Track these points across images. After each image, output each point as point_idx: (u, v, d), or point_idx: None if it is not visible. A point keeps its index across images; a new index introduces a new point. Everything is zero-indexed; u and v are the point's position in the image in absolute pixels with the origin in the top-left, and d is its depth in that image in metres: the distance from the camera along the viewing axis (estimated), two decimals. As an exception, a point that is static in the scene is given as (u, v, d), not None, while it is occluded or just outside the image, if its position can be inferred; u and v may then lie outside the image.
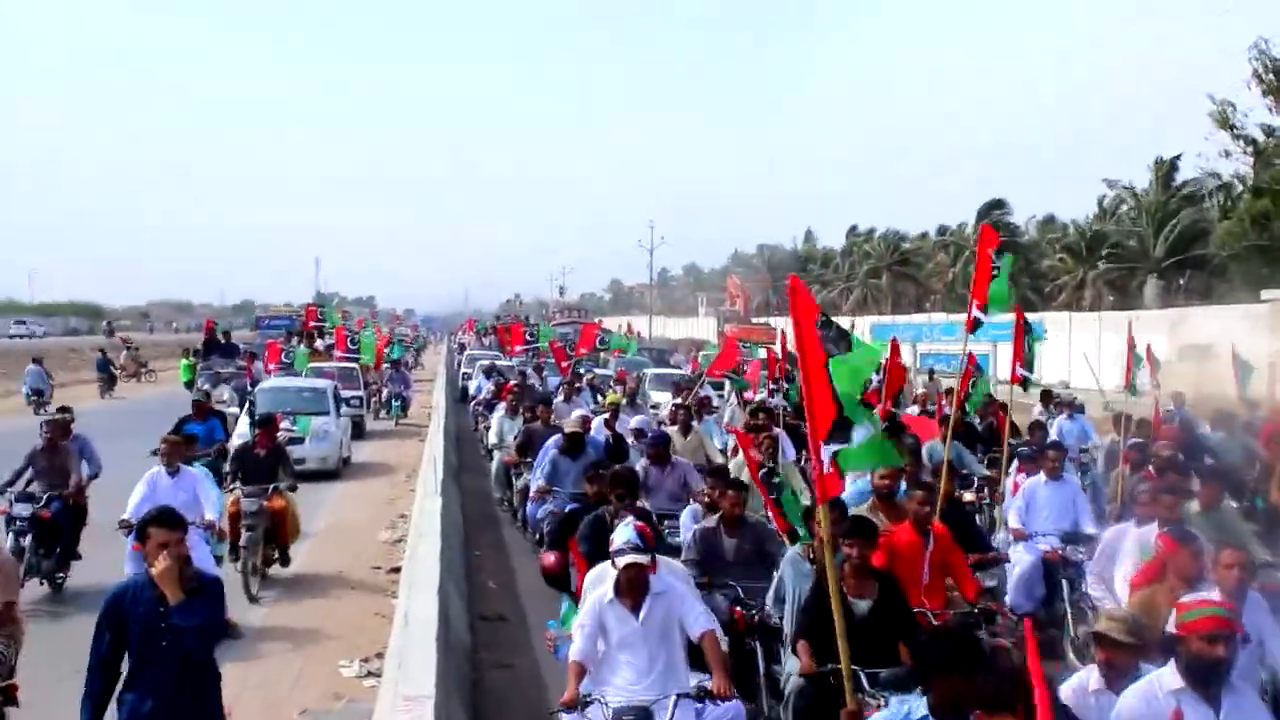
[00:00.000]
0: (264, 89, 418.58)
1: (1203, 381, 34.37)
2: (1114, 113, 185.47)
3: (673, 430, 16.67)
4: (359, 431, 31.87)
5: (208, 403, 19.73)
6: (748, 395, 25.62)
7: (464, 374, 45.88)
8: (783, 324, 76.12)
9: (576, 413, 17.98)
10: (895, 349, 18.45)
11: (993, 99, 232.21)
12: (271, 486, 15.03)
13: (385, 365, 43.75)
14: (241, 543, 14.48)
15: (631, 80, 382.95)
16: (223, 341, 45.33)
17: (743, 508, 10.32)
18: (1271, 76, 42.65)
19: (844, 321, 73.88)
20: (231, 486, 15.08)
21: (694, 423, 17.68)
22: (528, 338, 44.85)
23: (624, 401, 21.16)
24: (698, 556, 10.07)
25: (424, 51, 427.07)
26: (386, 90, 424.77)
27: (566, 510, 12.21)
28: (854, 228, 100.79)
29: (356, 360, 36.48)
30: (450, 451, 23.71)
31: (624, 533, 7.67)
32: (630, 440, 17.23)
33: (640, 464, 13.72)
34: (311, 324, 44.61)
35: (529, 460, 17.22)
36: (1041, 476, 13.09)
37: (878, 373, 15.79)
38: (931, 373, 35.64)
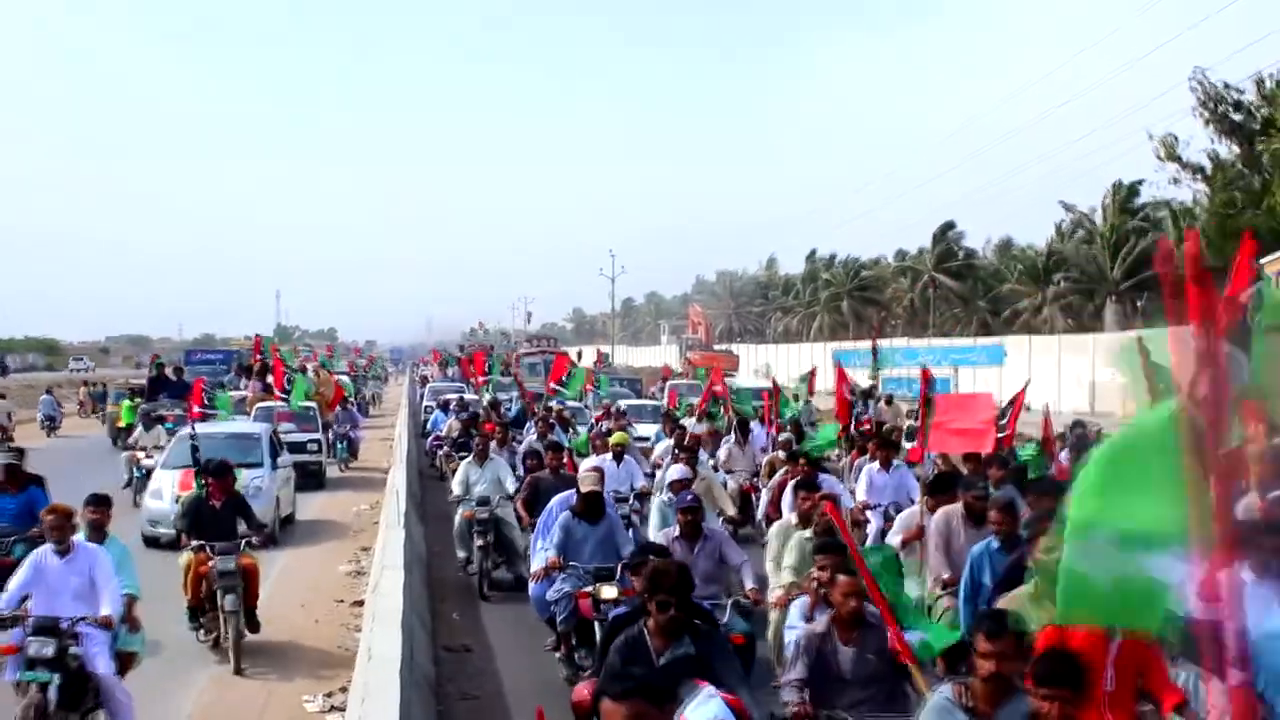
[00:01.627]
0: (225, 120, 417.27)
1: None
2: (1070, 140, 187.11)
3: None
4: (318, 481, 28.71)
5: (20, 464, 14.29)
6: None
7: (426, 407, 42.56)
8: (745, 350, 76.51)
9: (587, 463, 15.83)
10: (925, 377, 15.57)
11: (948, 126, 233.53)
12: (243, 542, 13.22)
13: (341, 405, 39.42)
14: (226, 607, 12.78)
15: (591, 108, 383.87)
16: (173, 379, 38.61)
17: (860, 600, 7.55)
18: (1212, 105, 43.20)
19: (804, 347, 74.26)
20: (189, 545, 13.28)
21: (699, 466, 15.72)
22: (486, 369, 44.26)
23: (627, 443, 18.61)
24: (804, 676, 7.39)
25: (387, 84, 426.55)
26: (349, 122, 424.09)
27: (610, 626, 8.27)
28: (813, 253, 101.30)
29: (286, 402, 31.59)
30: (414, 483, 23.57)
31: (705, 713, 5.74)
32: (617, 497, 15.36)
33: (660, 536, 11.30)
34: (257, 358, 38.46)
35: (534, 522, 13.88)
36: None
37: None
38: (890, 399, 34.97)
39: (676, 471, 14.09)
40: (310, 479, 27.51)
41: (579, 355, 64.65)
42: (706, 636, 7.35)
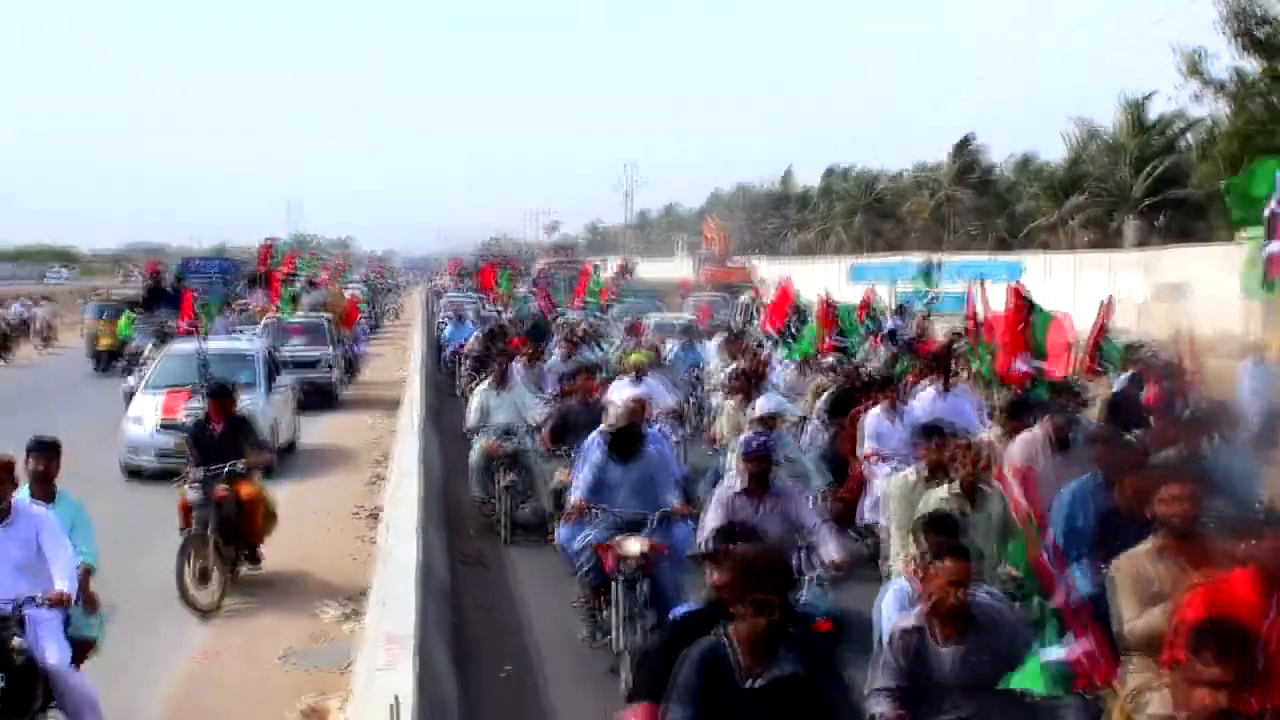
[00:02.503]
0: (236, 23, 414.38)
1: (1176, 321, 34.51)
2: (1085, 54, 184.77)
3: (730, 406, 14.19)
4: (329, 401, 26.87)
5: None
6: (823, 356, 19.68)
7: (439, 322, 40.13)
8: (761, 264, 76.37)
9: (628, 391, 13.84)
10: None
11: (971, 36, 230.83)
12: (226, 468, 12.09)
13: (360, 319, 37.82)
14: (180, 541, 11.79)
15: (607, 14, 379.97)
16: (170, 291, 34.82)
17: (966, 589, 6.18)
18: (1237, 20, 42.55)
19: (821, 262, 73.97)
20: (187, 474, 12.31)
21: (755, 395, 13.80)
22: (495, 280, 43.09)
23: (647, 361, 17.39)
24: (897, 683, 6.21)
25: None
26: (363, 29, 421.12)
27: (672, 630, 6.79)
28: (830, 168, 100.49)
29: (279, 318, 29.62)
30: (429, 395, 23.52)
31: None
32: (659, 426, 13.66)
33: (720, 492, 9.30)
34: (264, 266, 35.62)
35: (564, 451, 13.09)
36: None
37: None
38: (928, 315, 32.08)
39: (767, 403, 12.43)
40: (321, 398, 26.27)
41: (602, 264, 64.26)
42: (811, 650, 5.70)
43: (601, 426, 10.80)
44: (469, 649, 10.47)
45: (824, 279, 65.02)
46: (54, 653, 7.50)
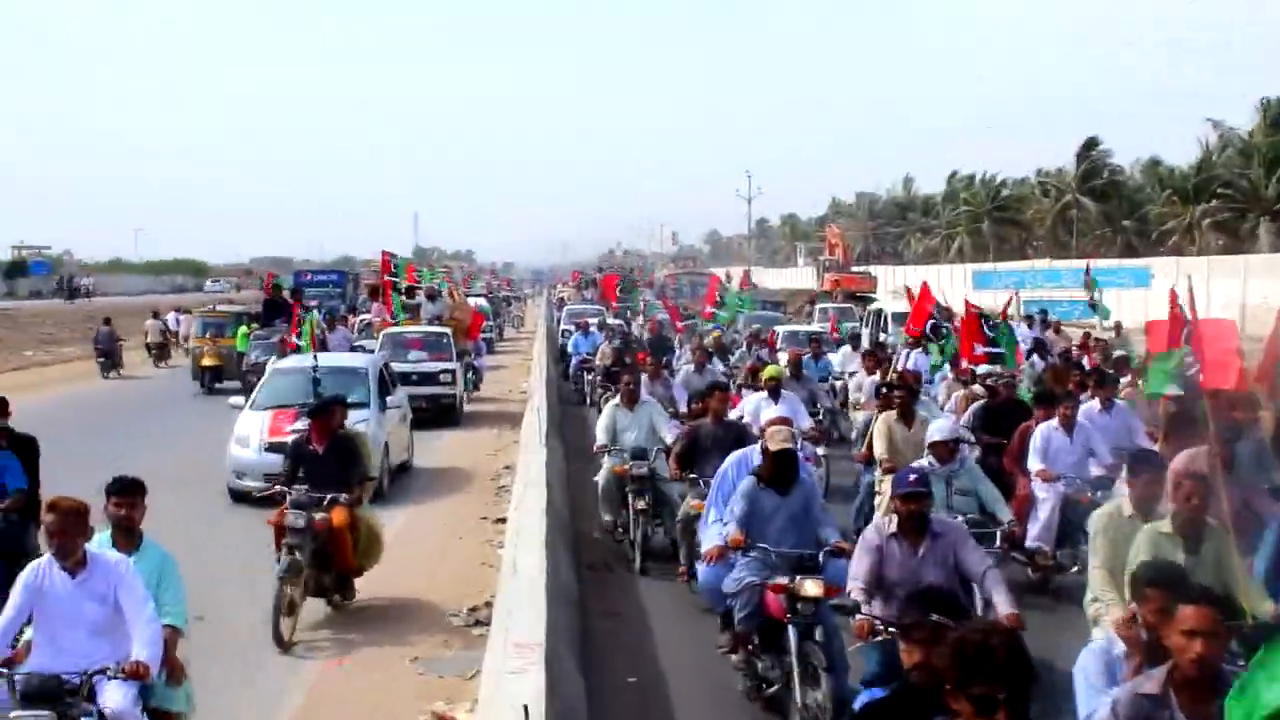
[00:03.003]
0: (358, 45, 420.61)
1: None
2: (1216, 55, 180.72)
3: (885, 422, 12.96)
4: (451, 417, 25.97)
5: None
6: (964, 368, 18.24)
7: (563, 331, 39.75)
8: (883, 272, 75.76)
9: (769, 411, 12.52)
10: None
11: (1089, 39, 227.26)
12: (329, 498, 11.40)
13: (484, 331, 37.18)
14: (275, 571, 10.99)
15: (727, 29, 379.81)
16: (287, 304, 32.29)
17: (1220, 644, 5.21)
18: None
19: (946, 269, 73.19)
20: (286, 492, 11.60)
21: (918, 410, 13.21)
22: (620, 289, 42.83)
23: (787, 375, 16.59)
24: None
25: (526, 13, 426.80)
26: (490, 41, 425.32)
27: (864, 706, 6.39)
28: (954, 173, 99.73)
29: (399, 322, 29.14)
30: (553, 406, 23.52)
31: None
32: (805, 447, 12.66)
33: (870, 535, 8.10)
34: (386, 277, 33.03)
35: (694, 476, 12.11)
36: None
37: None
38: (1058, 325, 30.69)
39: (945, 427, 10.94)
40: (442, 414, 25.52)
41: (726, 276, 63.89)
42: None
43: (747, 450, 10.20)
44: (595, 655, 10.45)
45: (949, 285, 64.73)
46: None
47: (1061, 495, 11.99)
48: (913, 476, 8.01)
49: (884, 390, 14.47)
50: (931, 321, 18.96)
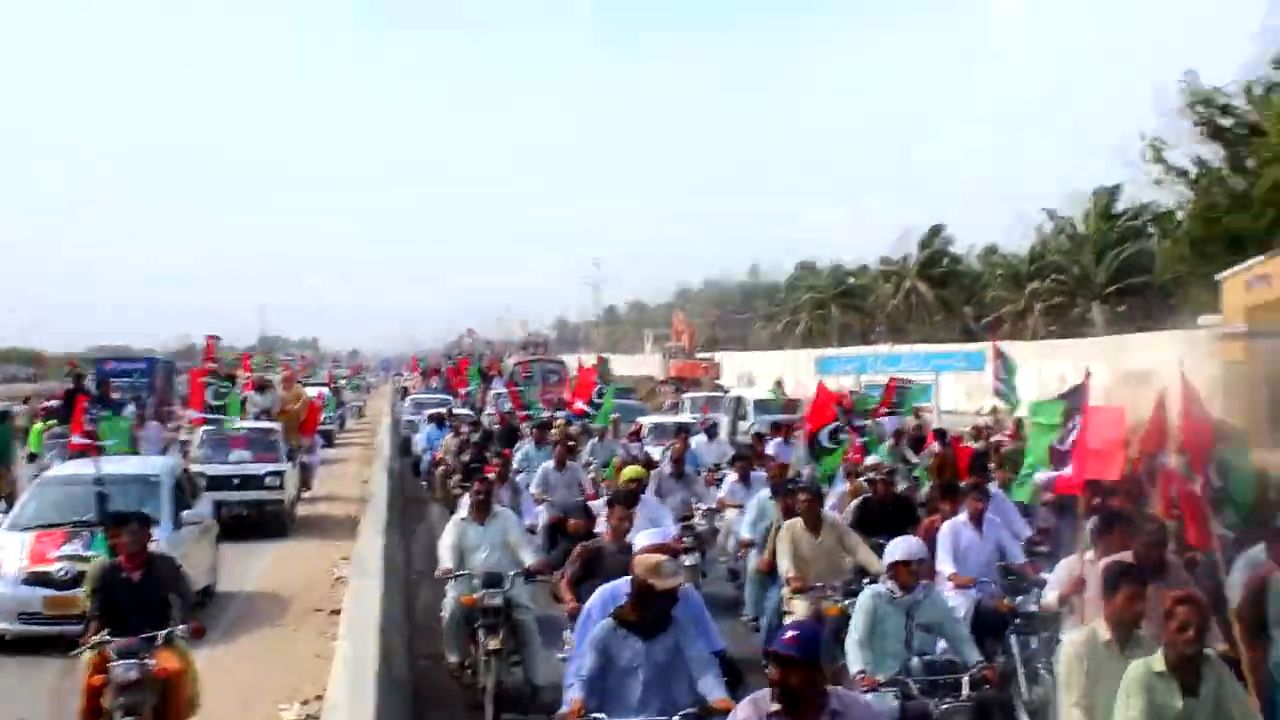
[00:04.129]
0: (197, 122, 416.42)
1: (1140, 407, 34.67)
2: (1044, 145, 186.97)
3: (793, 532, 11.63)
4: (279, 526, 22.44)
5: None
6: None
7: (406, 421, 38.23)
8: (728, 358, 76.53)
9: (645, 534, 8.62)
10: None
11: (929, 133, 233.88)
12: (161, 635, 9.36)
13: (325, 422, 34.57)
14: None
15: (572, 118, 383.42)
16: (95, 393, 27.50)
17: None
18: (1199, 108, 43.48)
19: (787, 354, 74.19)
20: (90, 640, 9.32)
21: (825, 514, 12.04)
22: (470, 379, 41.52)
23: (666, 474, 16.18)
24: None
25: (365, 90, 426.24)
26: (325, 131, 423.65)
27: None
28: (801, 262, 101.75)
29: (219, 421, 24.64)
30: (395, 495, 23.19)
31: None
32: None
33: (750, 708, 5.81)
34: (209, 365, 28.70)
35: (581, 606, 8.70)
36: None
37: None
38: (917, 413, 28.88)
39: (904, 547, 8.93)
40: (270, 523, 22.26)
41: (578, 363, 63.65)
42: None
43: (620, 583, 7.89)
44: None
45: (792, 370, 65.57)
46: None
47: (975, 601, 10.77)
48: (790, 634, 5.65)
49: (786, 492, 13.07)
50: (833, 426, 17.46)
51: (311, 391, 45.11)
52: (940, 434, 21.98)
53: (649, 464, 17.42)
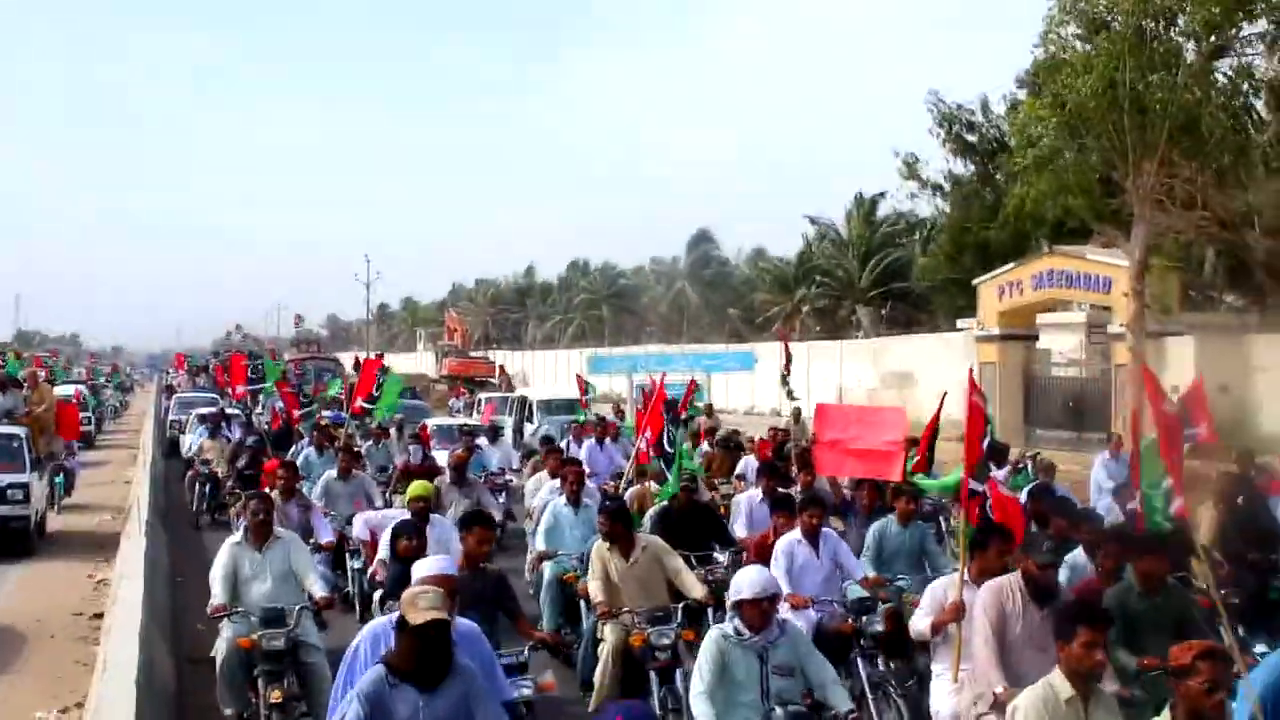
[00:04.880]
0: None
1: (906, 404, 36.07)
2: (811, 152, 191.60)
3: (603, 556, 10.43)
4: (24, 546, 19.68)
5: None
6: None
7: (173, 421, 36.30)
8: (502, 356, 76.58)
9: (427, 562, 7.76)
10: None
11: (699, 139, 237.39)
12: None
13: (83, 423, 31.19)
14: None
15: (345, 108, 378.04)
16: None
17: None
18: (947, 125, 45.22)
19: (561, 354, 74.53)
20: None
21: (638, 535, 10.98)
22: (250, 375, 37.65)
23: (447, 484, 15.11)
24: None
25: (118, 70, 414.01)
26: (74, 110, 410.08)
27: None
28: (574, 262, 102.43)
29: None
30: (159, 496, 22.62)
31: None
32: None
33: None
34: None
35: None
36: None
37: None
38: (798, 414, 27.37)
39: (751, 582, 7.82)
40: (12, 542, 19.50)
41: (355, 362, 62.24)
42: None
43: (384, 622, 7.08)
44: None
45: (565, 369, 65.93)
46: None
47: (815, 624, 10.05)
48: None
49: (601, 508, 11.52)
50: (665, 432, 15.74)
51: (68, 390, 43.29)
52: (711, 433, 22.23)
53: (432, 471, 16.63)
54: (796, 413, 27.05)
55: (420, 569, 7.50)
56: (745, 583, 7.74)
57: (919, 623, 8.63)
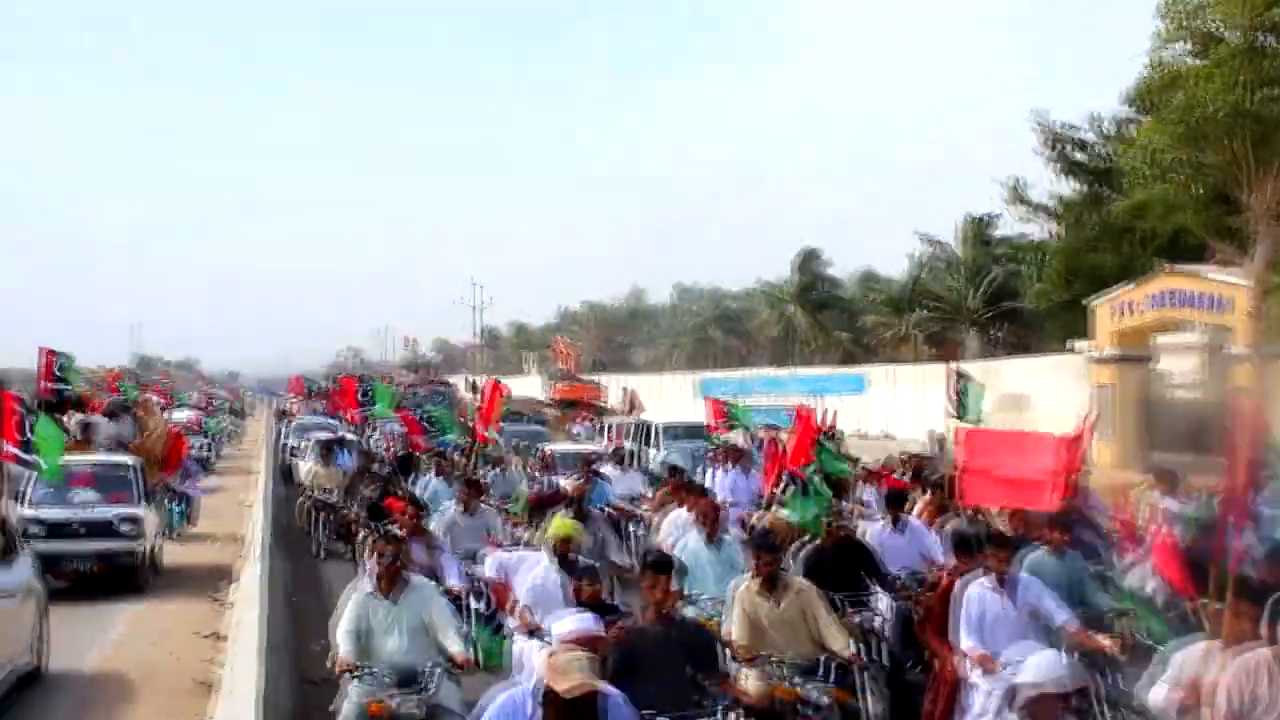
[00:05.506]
0: (70, 142, 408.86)
1: (1022, 428, 35.53)
2: (921, 174, 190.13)
3: (752, 600, 9.38)
4: (134, 582, 18.09)
5: None
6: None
7: (290, 448, 34.51)
8: (610, 380, 76.69)
9: (565, 619, 7.54)
10: None
11: (807, 161, 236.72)
12: None
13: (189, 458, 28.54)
14: None
15: (455, 129, 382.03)
16: None
17: None
18: (1053, 145, 44.47)
19: (669, 378, 74.49)
20: None
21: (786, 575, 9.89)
22: (360, 398, 36.66)
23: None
24: None
25: (246, 99, 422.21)
26: (204, 136, 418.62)
27: None
28: (681, 284, 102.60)
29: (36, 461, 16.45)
30: (278, 518, 22.61)
31: None
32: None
33: None
34: (49, 383, 23.69)
35: None
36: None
37: None
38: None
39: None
40: (121, 578, 18.00)
41: (471, 385, 61.99)
42: None
43: (520, 693, 6.19)
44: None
45: (674, 392, 65.88)
46: None
47: (1009, 689, 8.00)
48: None
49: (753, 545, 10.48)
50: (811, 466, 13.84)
51: (185, 414, 43.28)
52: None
53: (556, 499, 15.24)
54: (937, 436, 25.67)
55: (563, 628, 6.93)
56: (1041, 672, 6.38)
57: (1158, 695, 7.37)
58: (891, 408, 49.45)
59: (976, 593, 9.11)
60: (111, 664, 13.86)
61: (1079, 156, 44.96)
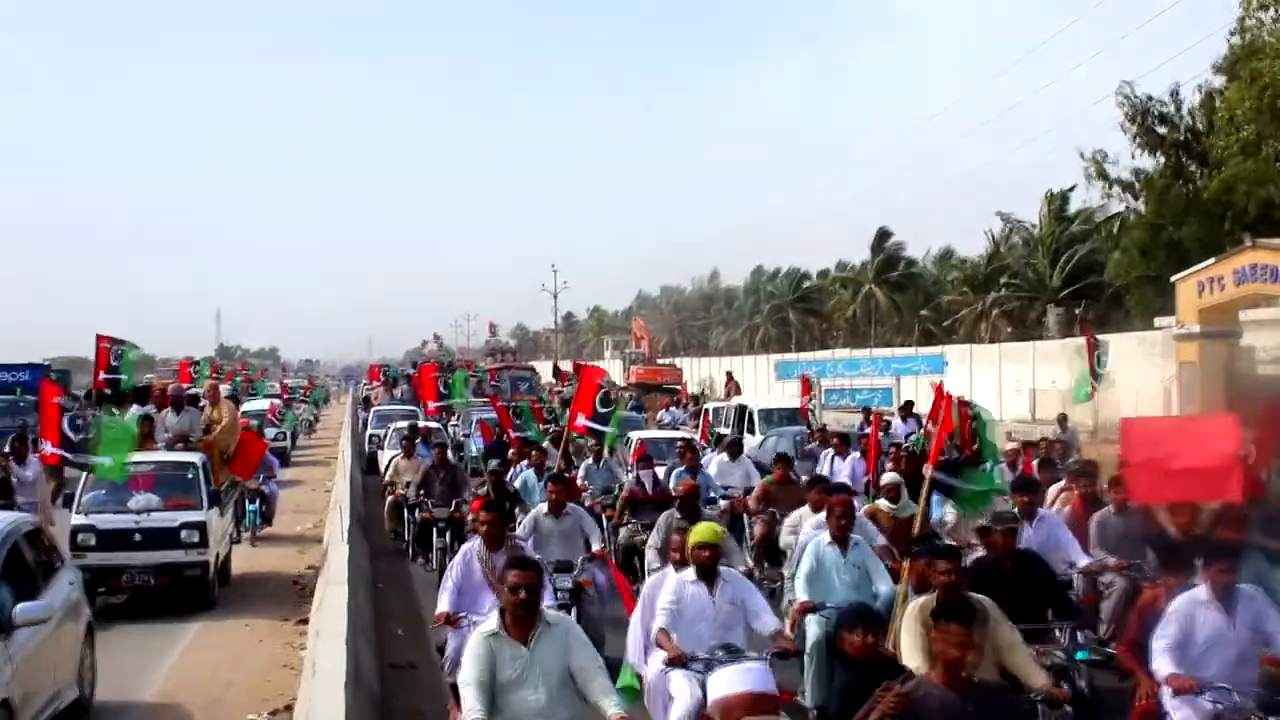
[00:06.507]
0: (159, 137, 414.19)
1: (1103, 406, 35.19)
2: (999, 150, 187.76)
3: (926, 617, 7.34)
4: (202, 599, 16.28)
5: None
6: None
7: (371, 436, 34.29)
8: (688, 363, 76.70)
9: (727, 673, 7.25)
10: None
11: (881, 141, 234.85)
12: None
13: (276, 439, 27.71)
14: None
15: (531, 123, 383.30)
16: None
17: None
18: (1139, 118, 43.77)
19: (748, 360, 74.36)
20: None
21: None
22: (440, 387, 35.50)
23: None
24: None
25: (324, 97, 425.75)
26: (282, 133, 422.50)
27: None
28: (759, 267, 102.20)
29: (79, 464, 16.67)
30: (358, 503, 22.55)
31: None
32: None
33: None
34: (102, 374, 21.10)
35: None
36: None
37: None
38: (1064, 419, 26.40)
39: None
40: (188, 592, 16.25)
41: (555, 370, 61.84)
42: None
43: None
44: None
45: (752, 375, 65.71)
46: None
47: (1213, 717, 7.52)
48: None
49: (919, 553, 9.67)
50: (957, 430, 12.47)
51: (263, 404, 42.18)
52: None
53: (666, 500, 14.11)
54: (1062, 418, 25.09)
55: (723, 685, 5.92)
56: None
57: None
58: (971, 388, 49.01)
59: (1185, 607, 7.85)
60: (171, 694, 12.34)
61: (1161, 129, 44.30)
